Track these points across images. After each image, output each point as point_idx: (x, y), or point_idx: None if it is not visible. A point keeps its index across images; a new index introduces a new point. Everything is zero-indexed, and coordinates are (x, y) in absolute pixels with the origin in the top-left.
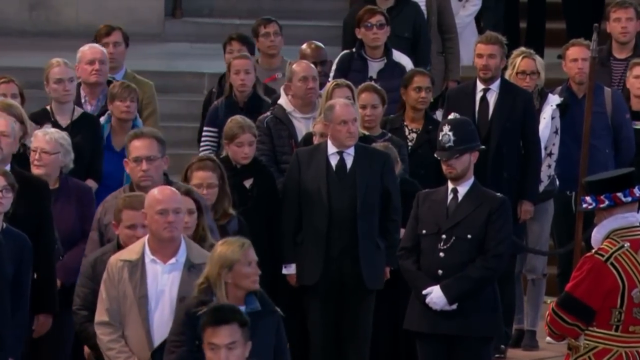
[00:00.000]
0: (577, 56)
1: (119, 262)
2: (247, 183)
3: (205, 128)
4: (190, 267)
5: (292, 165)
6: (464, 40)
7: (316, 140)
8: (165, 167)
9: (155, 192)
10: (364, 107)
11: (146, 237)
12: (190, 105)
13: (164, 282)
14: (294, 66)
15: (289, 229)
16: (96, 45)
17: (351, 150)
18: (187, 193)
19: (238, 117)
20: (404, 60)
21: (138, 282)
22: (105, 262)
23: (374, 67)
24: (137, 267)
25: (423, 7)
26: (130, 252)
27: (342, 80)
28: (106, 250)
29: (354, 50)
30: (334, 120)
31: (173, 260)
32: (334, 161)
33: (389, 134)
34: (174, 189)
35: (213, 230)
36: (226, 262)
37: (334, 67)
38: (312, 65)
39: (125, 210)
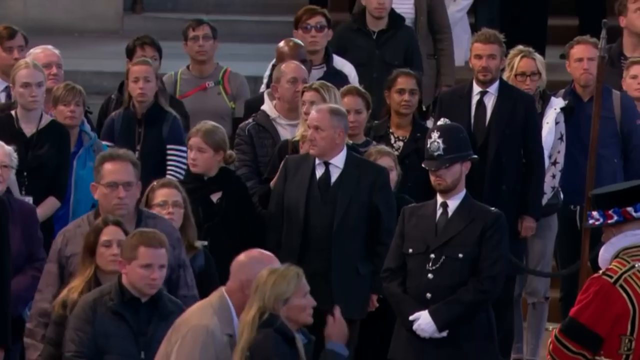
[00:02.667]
0: (583, 55)
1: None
2: (215, 197)
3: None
4: None
5: (279, 175)
6: (455, 38)
7: (302, 147)
8: (138, 194)
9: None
10: (347, 112)
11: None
12: None
13: None
14: (282, 67)
15: (271, 247)
16: (50, 47)
17: (340, 161)
18: (117, 224)
19: (208, 122)
20: (347, 69)
21: None
22: (105, 305)
23: (312, 74)
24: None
25: (411, 6)
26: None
27: (319, 83)
28: (105, 292)
29: None
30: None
31: None
32: (319, 172)
33: (374, 143)
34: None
35: (186, 265)
36: (282, 296)
37: (267, 72)
38: (303, 67)
39: (141, 247)
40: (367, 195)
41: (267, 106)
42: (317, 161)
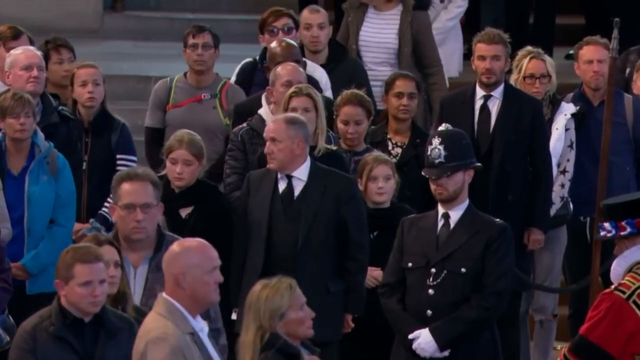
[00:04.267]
0: (593, 57)
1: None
2: (184, 212)
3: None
4: None
5: (243, 191)
6: (447, 47)
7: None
8: (159, 216)
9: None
10: (345, 122)
11: None
12: (133, 114)
13: None
14: (278, 69)
15: (235, 267)
16: (31, 48)
17: (303, 174)
18: (111, 244)
19: (184, 130)
20: (318, 73)
21: None
22: (46, 331)
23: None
24: None
25: (394, 36)
26: None
27: (304, 87)
28: (45, 316)
29: (257, 58)
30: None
31: None
32: (281, 187)
33: (375, 151)
34: None
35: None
36: (277, 311)
37: (233, 78)
38: (301, 69)
39: (77, 264)
40: (334, 208)
41: (264, 110)
42: (279, 175)
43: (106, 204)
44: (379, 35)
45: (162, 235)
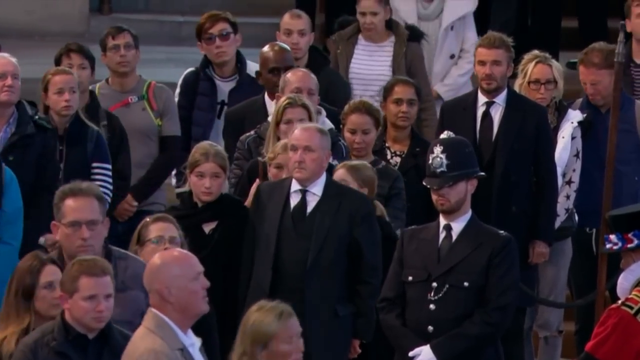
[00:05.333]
0: (586, 79)
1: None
2: (208, 227)
3: None
4: None
5: (252, 204)
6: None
7: (270, 171)
8: (106, 232)
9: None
10: (352, 131)
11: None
12: None
13: None
14: (288, 75)
15: (243, 285)
16: (5, 55)
17: (318, 189)
18: (55, 263)
19: (206, 143)
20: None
21: None
22: (47, 346)
23: (224, 88)
24: None
25: (388, 68)
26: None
27: (297, 97)
28: (47, 331)
29: (198, 67)
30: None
31: None
32: (293, 201)
33: (383, 162)
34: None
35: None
36: (260, 339)
37: (177, 89)
38: (312, 76)
39: (82, 277)
40: (347, 228)
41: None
42: (292, 188)
43: None
44: (371, 67)
45: (109, 251)
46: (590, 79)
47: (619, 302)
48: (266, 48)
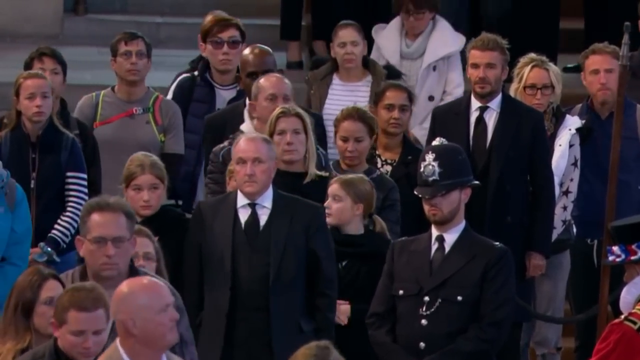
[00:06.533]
0: (600, 67)
1: None
2: None
3: None
4: None
5: (193, 224)
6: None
7: (229, 184)
8: (133, 251)
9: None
10: (345, 139)
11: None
12: None
13: None
14: (261, 81)
15: (191, 307)
16: None
17: (267, 202)
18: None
19: (140, 154)
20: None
21: None
22: None
23: (223, 96)
24: None
25: (366, 98)
26: None
27: (291, 106)
28: (38, 355)
29: (196, 73)
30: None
31: None
32: (243, 216)
33: (378, 171)
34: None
35: (186, 341)
36: None
37: (169, 95)
38: (286, 81)
39: (71, 310)
40: (303, 239)
41: (247, 126)
42: (239, 203)
43: (56, 226)
44: (350, 98)
45: (135, 271)
46: (605, 67)
47: (622, 317)
48: (246, 51)
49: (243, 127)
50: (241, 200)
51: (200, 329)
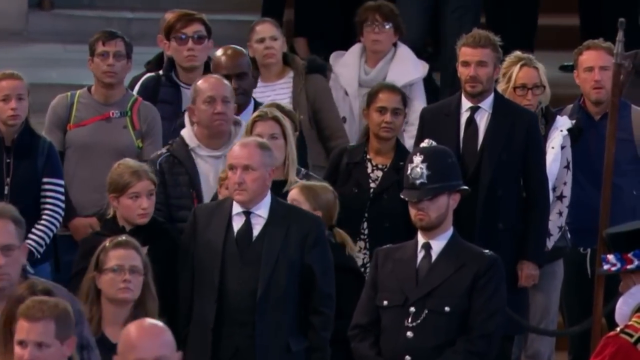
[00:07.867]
0: (594, 64)
1: None
2: None
3: None
4: None
5: (188, 229)
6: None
7: (220, 192)
8: (24, 259)
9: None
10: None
11: None
12: None
13: None
14: (199, 83)
15: (183, 320)
16: None
17: (263, 210)
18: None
19: (129, 160)
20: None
21: None
22: None
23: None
24: None
25: (288, 101)
26: None
27: (269, 110)
28: None
29: (161, 72)
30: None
31: None
32: (237, 225)
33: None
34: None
35: (91, 346)
36: None
37: (137, 87)
38: (225, 82)
39: (21, 319)
40: (298, 253)
41: (187, 132)
42: (234, 210)
43: (31, 235)
44: (272, 97)
45: (26, 279)
46: (600, 64)
47: (618, 329)
48: (219, 52)
49: (183, 133)
50: (236, 207)
51: (187, 342)
